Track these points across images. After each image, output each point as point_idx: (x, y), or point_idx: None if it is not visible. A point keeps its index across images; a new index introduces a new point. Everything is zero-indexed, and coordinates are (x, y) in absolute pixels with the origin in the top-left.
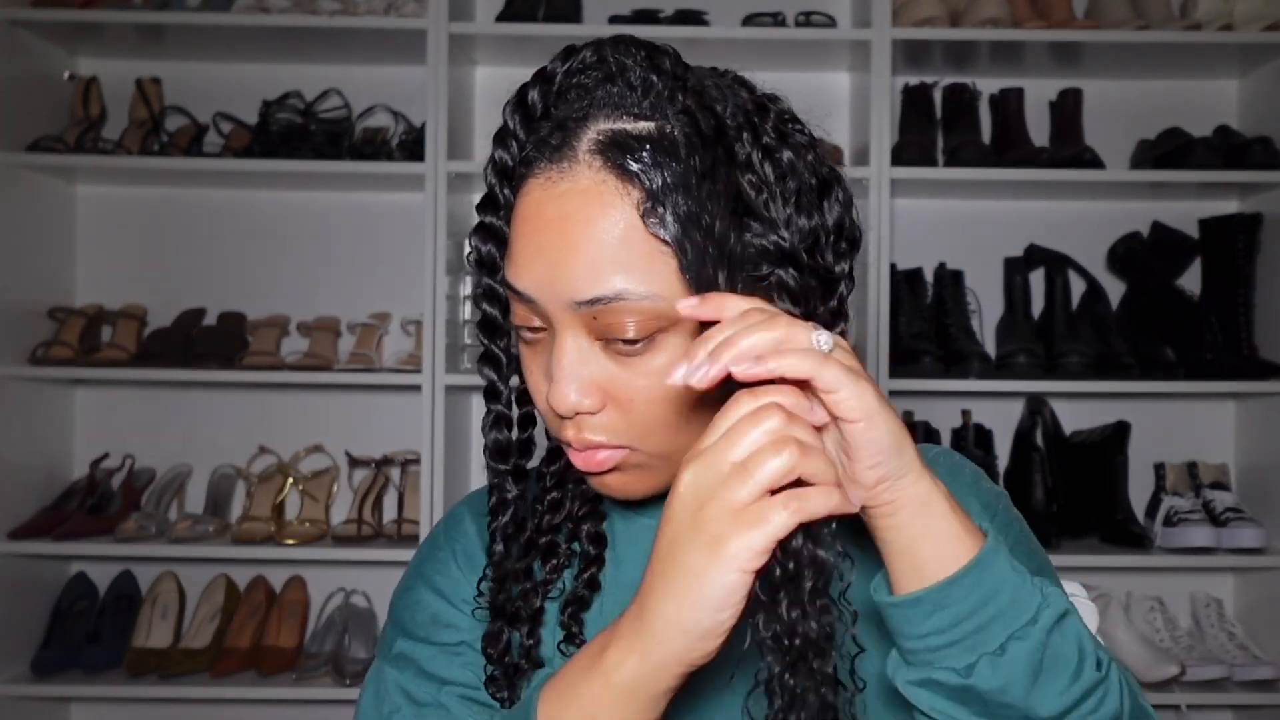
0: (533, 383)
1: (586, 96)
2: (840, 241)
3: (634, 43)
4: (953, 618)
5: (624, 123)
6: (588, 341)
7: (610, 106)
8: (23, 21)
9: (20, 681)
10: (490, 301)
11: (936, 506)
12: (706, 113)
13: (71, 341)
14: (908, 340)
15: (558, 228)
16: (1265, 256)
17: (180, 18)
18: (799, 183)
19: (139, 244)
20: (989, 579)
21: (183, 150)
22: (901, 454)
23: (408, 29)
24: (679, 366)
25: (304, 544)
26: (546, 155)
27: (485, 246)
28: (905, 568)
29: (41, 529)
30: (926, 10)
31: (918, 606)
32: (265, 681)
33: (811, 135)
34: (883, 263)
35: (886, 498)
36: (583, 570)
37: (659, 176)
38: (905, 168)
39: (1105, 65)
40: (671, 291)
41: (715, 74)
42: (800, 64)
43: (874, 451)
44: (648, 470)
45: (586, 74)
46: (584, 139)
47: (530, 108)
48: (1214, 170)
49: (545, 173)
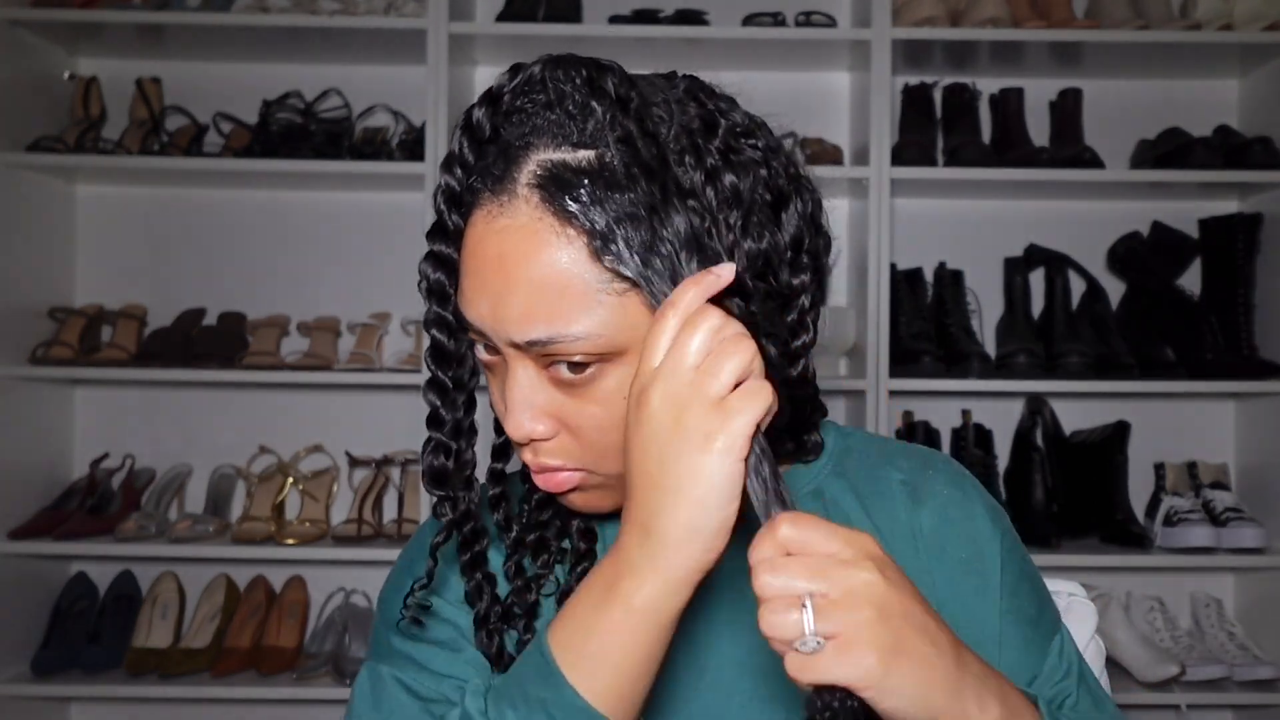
0: (495, 404)
1: (528, 122)
2: (799, 255)
3: (575, 64)
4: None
5: (563, 152)
6: (535, 371)
7: (550, 134)
8: (23, 21)
9: (20, 681)
10: (439, 328)
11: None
12: (648, 140)
13: (71, 341)
14: (908, 340)
15: (497, 265)
16: (1265, 256)
17: (180, 17)
18: (747, 204)
19: (139, 244)
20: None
21: (183, 150)
22: (928, 707)
23: (408, 29)
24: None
25: (304, 544)
26: (489, 186)
27: (435, 274)
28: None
29: (41, 529)
30: (926, 10)
31: None
32: (265, 681)
33: (770, 143)
34: (883, 263)
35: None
36: (574, 565)
37: (599, 214)
38: (905, 168)
39: (1105, 65)
40: (619, 322)
41: (667, 84)
42: (800, 64)
43: (891, 713)
44: (608, 489)
45: (530, 96)
46: (524, 171)
47: (477, 129)
48: (1214, 170)
49: (487, 205)
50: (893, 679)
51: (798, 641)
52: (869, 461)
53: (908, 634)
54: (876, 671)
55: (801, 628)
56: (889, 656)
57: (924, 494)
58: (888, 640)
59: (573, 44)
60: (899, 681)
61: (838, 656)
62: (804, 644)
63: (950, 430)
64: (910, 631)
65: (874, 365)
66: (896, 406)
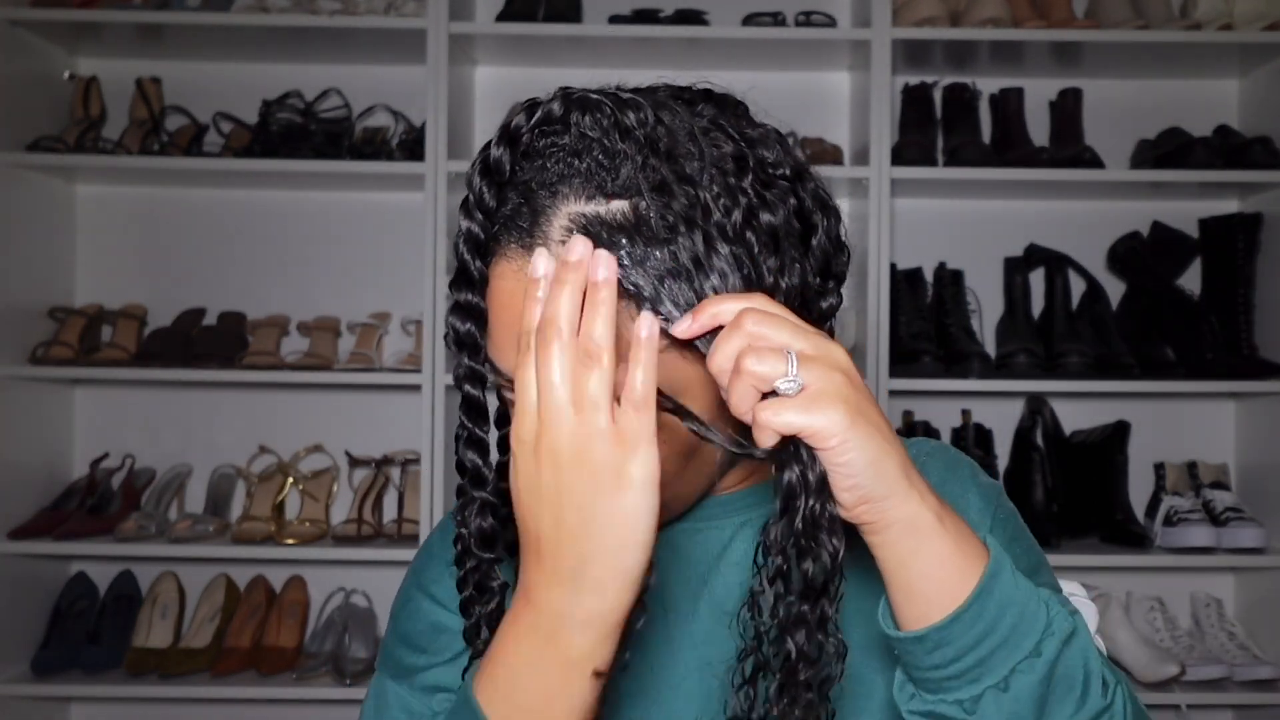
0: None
1: (553, 169)
2: (827, 281)
3: (597, 104)
4: (955, 652)
5: (596, 204)
6: None
7: (579, 184)
8: (23, 21)
9: (20, 681)
10: (472, 383)
11: (926, 528)
12: (683, 184)
13: (71, 341)
14: (908, 340)
15: None
16: (1265, 256)
17: (180, 17)
18: (783, 240)
19: (139, 244)
20: (990, 608)
21: (183, 150)
22: (881, 476)
23: (408, 29)
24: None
25: (304, 544)
26: (517, 239)
27: (465, 325)
28: (898, 589)
29: (42, 529)
30: (926, 10)
31: (920, 643)
32: (265, 681)
33: (796, 165)
34: (883, 263)
35: (869, 518)
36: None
37: (642, 278)
38: (905, 167)
39: (1105, 65)
40: (661, 374)
41: (689, 112)
42: (800, 64)
43: (846, 474)
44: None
45: (550, 137)
46: (555, 225)
47: (496, 170)
48: (1214, 170)
49: (517, 258)
50: (855, 435)
51: (780, 380)
52: None
53: (869, 408)
54: (843, 423)
55: (785, 368)
56: (854, 414)
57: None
58: (854, 401)
59: (573, 44)
60: (860, 440)
61: (810, 403)
62: (787, 382)
63: (950, 430)
64: (870, 408)
65: (874, 365)
66: (896, 406)
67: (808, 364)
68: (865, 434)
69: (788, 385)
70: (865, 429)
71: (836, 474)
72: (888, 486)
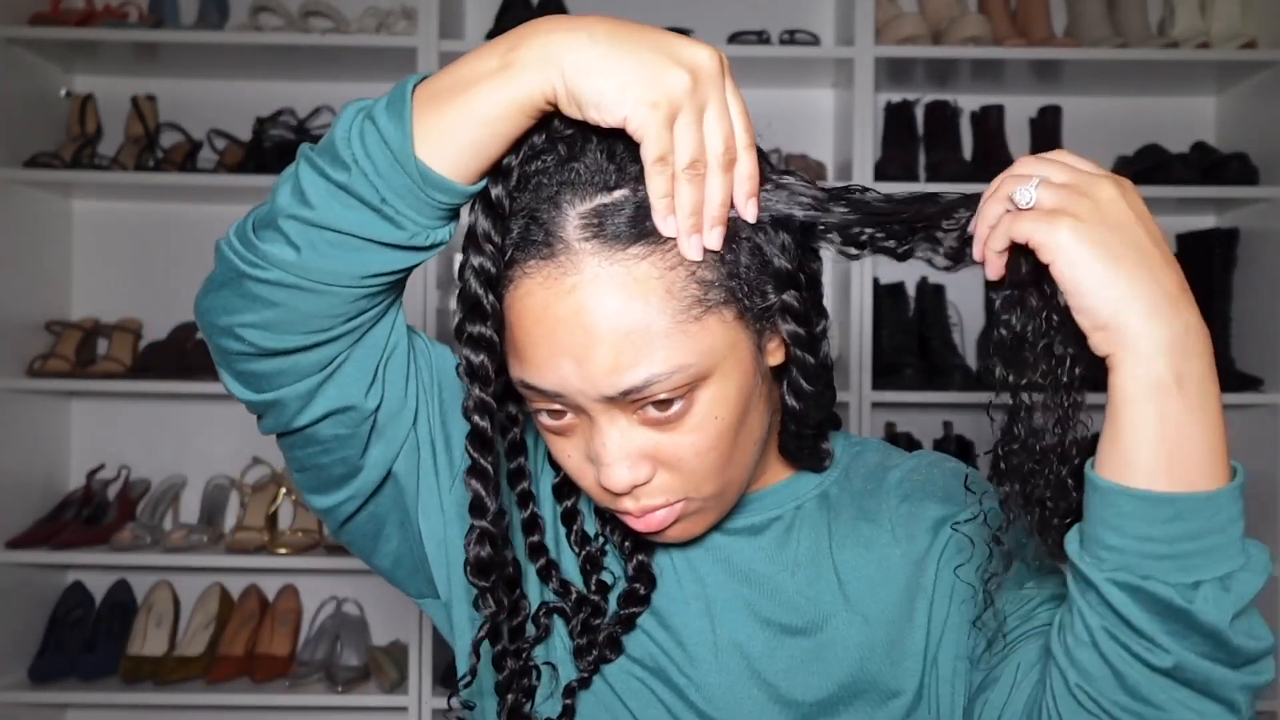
0: (573, 467)
1: (551, 182)
2: (816, 291)
3: (566, 117)
4: (1189, 532)
5: (600, 198)
6: (626, 419)
7: (578, 186)
8: (20, 39)
9: (17, 689)
10: (481, 414)
11: (1171, 383)
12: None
13: (68, 354)
14: (890, 353)
15: (573, 324)
16: (1242, 270)
17: (175, 36)
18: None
19: (134, 258)
20: (1227, 509)
21: (177, 166)
22: (1112, 301)
23: (399, 47)
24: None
25: (296, 553)
26: (536, 254)
27: (478, 358)
28: (1120, 445)
29: (38, 539)
30: (909, 28)
31: (1160, 506)
32: (259, 688)
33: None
34: (865, 276)
35: (1104, 349)
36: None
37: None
38: (888, 183)
39: (1084, 82)
40: (703, 347)
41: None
42: (784, 81)
43: (1074, 293)
44: (704, 513)
45: (539, 160)
46: (568, 228)
47: (498, 206)
48: (1191, 186)
49: (541, 270)
50: (1084, 252)
51: (1016, 191)
52: (870, 465)
53: (1132, 236)
54: (1069, 238)
55: (1026, 190)
56: (1092, 234)
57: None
58: (1100, 223)
59: None
60: (1089, 259)
61: (1040, 216)
62: (1023, 191)
63: (932, 442)
64: (1138, 235)
65: (856, 377)
66: (879, 418)
67: (1055, 191)
68: (1101, 254)
69: (1023, 196)
70: (1105, 251)
71: (1069, 296)
72: (1128, 314)
